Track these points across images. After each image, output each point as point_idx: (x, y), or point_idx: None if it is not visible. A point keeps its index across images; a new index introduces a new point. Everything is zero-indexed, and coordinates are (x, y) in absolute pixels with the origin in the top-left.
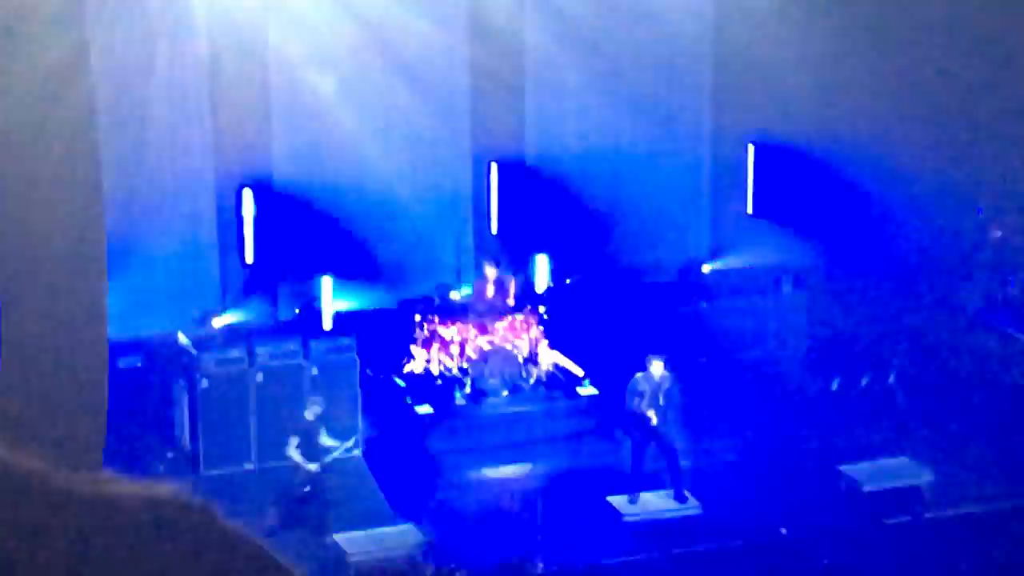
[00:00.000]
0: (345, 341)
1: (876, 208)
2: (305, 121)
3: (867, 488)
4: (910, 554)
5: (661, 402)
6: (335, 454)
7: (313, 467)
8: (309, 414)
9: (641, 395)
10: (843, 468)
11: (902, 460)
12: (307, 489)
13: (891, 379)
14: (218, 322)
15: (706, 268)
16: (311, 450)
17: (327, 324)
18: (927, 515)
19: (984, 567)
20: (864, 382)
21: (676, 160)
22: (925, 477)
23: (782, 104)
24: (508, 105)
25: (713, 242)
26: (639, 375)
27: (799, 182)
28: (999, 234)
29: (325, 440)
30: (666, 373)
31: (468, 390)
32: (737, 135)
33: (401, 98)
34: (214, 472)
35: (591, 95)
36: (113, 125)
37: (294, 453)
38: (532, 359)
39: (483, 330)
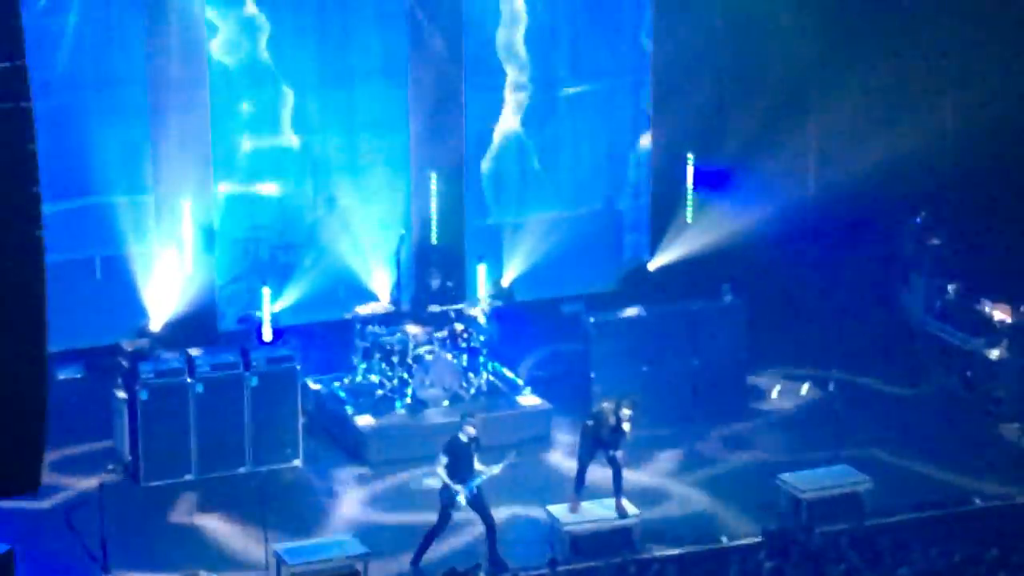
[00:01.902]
0: (285, 351)
1: (816, 216)
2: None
3: (806, 496)
4: (849, 561)
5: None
6: (481, 479)
7: (462, 490)
8: (464, 436)
9: (594, 427)
10: (783, 476)
11: (841, 468)
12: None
13: (831, 387)
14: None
15: (651, 266)
16: (461, 472)
17: (267, 335)
18: (866, 522)
19: (925, 572)
20: (804, 390)
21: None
22: (864, 485)
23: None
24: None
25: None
26: (605, 407)
27: (737, 191)
28: (937, 242)
29: (477, 464)
30: (626, 424)
31: (409, 400)
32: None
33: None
34: (154, 483)
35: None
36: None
37: (442, 472)
38: (473, 368)
39: (423, 340)
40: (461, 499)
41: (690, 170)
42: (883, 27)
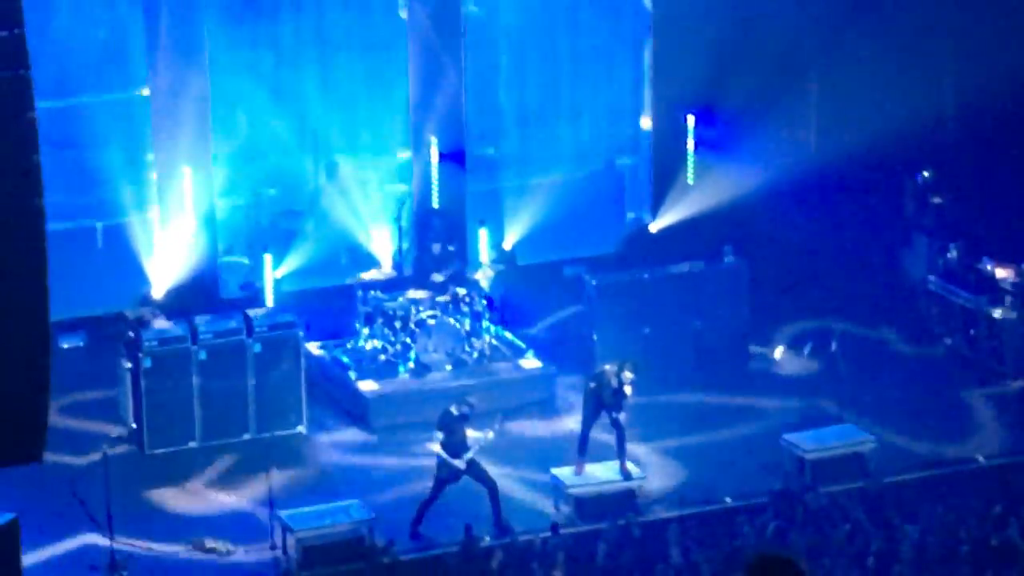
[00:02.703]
0: (288, 318)
1: (818, 177)
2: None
3: (811, 456)
4: (854, 520)
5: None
6: (475, 449)
7: (459, 463)
8: (455, 409)
9: (596, 388)
10: (787, 437)
11: (845, 427)
12: (461, 482)
13: (834, 347)
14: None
15: (652, 227)
16: (456, 446)
17: (269, 301)
18: (870, 481)
19: (931, 530)
20: (806, 350)
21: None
22: (868, 444)
23: (720, 74)
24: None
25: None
26: (607, 368)
27: (740, 150)
28: (939, 201)
29: (469, 432)
30: (628, 387)
31: (412, 365)
32: (677, 105)
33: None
34: (159, 451)
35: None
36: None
37: (438, 449)
38: (475, 332)
39: (426, 304)
40: (461, 463)
41: (691, 129)
42: None
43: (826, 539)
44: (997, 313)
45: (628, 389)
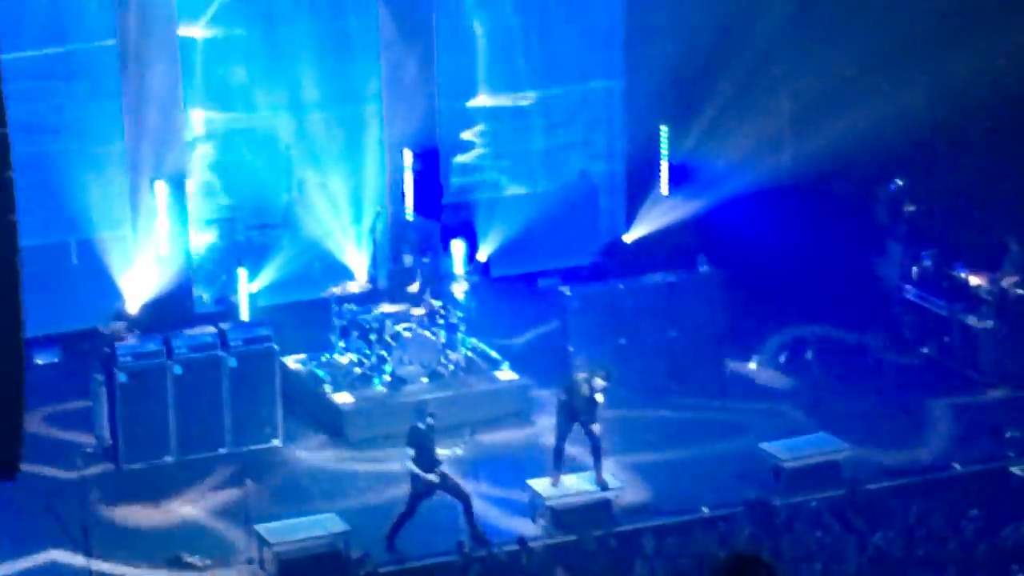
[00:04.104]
0: (263, 331)
1: (792, 186)
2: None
3: (787, 465)
4: (829, 528)
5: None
6: (446, 462)
7: (433, 478)
8: (422, 424)
9: (568, 398)
10: (763, 445)
11: (820, 436)
12: (435, 496)
13: (808, 355)
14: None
15: (627, 238)
16: (428, 460)
17: (244, 315)
18: (846, 489)
19: (905, 536)
20: (782, 359)
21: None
22: (843, 452)
23: (694, 84)
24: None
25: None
26: (579, 378)
27: (712, 160)
28: (913, 209)
29: (439, 450)
30: (599, 395)
31: (387, 377)
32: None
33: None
34: (135, 466)
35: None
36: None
37: (412, 465)
38: (451, 345)
39: (401, 317)
40: (434, 477)
41: (664, 142)
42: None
43: (801, 547)
44: (972, 321)
45: (599, 397)
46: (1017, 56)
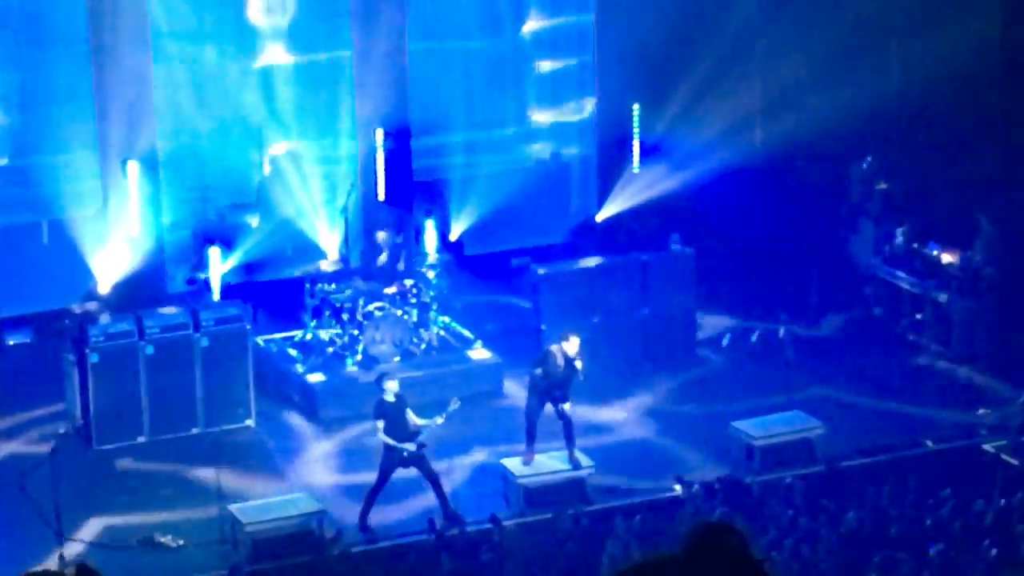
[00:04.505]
0: (235, 311)
1: (764, 164)
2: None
3: (759, 443)
4: (803, 506)
5: (562, 376)
6: (425, 432)
7: (410, 446)
8: (389, 395)
9: (544, 373)
10: (736, 424)
11: (793, 414)
12: (412, 470)
13: (781, 333)
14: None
15: (599, 217)
16: (401, 430)
17: (216, 295)
18: (818, 467)
19: (875, 514)
20: (754, 338)
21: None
22: (816, 430)
23: (665, 63)
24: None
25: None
26: (552, 348)
27: (686, 139)
28: (884, 186)
29: (413, 418)
30: (577, 361)
31: (360, 357)
32: (622, 95)
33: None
34: (107, 446)
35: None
36: None
37: (384, 437)
38: (423, 324)
39: (373, 296)
40: (412, 446)
41: (636, 118)
42: None
43: (773, 524)
44: (943, 298)
45: (579, 363)
46: (985, 35)
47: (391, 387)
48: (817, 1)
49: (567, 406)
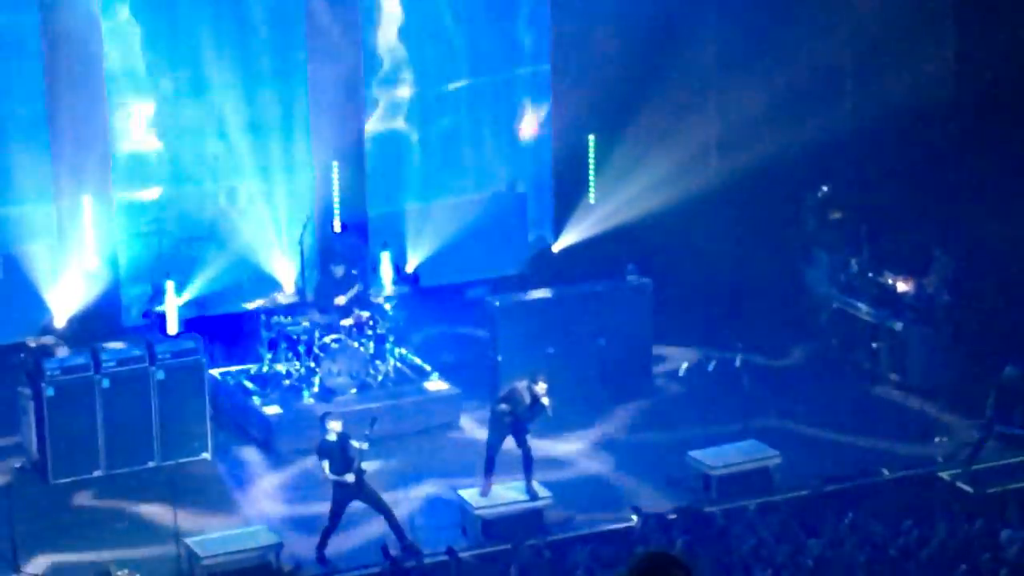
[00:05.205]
0: (191, 344)
1: (719, 194)
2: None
3: (716, 473)
4: (760, 535)
5: (527, 413)
6: (358, 462)
7: (349, 478)
8: (331, 435)
9: (511, 408)
10: (693, 453)
11: (750, 443)
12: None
13: (737, 363)
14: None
15: (555, 248)
16: (343, 464)
17: (172, 328)
18: (776, 496)
19: (833, 545)
20: (711, 367)
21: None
22: (773, 460)
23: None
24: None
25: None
26: (519, 386)
27: (640, 169)
28: (838, 216)
29: (352, 448)
30: (544, 398)
31: (316, 389)
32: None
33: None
34: (63, 480)
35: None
36: None
37: (329, 474)
38: (379, 355)
39: (330, 328)
40: (351, 477)
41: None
42: (782, 16)
43: (732, 554)
44: (899, 326)
45: (546, 400)
46: (941, 65)
47: (334, 427)
48: (773, 39)
49: (527, 436)
